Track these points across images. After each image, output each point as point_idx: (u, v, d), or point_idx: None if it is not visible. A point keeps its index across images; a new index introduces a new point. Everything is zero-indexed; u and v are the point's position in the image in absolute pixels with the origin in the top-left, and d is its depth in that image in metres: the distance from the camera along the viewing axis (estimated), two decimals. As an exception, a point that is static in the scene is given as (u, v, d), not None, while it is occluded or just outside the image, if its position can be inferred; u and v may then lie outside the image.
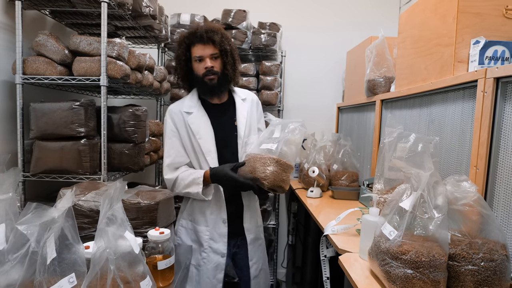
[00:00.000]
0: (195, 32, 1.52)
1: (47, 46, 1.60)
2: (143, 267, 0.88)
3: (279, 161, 1.39)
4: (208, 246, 1.61)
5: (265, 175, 1.36)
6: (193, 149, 1.60)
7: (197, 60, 1.54)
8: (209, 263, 1.60)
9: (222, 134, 1.61)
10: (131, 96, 2.58)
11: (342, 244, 1.27)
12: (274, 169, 1.37)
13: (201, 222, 1.62)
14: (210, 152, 1.57)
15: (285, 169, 1.41)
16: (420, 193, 0.89)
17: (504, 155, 1.03)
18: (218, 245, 1.60)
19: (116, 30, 2.13)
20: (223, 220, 1.60)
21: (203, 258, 1.61)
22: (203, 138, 1.57)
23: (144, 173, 2.68)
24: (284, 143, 1.43)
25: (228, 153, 1.61)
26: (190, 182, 1.53)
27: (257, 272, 1.70)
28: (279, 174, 1.38)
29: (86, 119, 1.61)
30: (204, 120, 1.60)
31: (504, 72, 1.01)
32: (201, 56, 1.52)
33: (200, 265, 1.61)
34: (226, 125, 1.63)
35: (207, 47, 1.51)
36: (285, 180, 1.41)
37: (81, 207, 1.19)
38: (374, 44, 2.13)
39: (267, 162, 1.38)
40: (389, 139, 1.30)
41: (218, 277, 1.61)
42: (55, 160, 1.59)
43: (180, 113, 1.61)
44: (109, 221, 0.80)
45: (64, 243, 0.82)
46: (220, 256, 1.60)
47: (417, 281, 0.85)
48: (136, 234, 1.12)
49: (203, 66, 1.53)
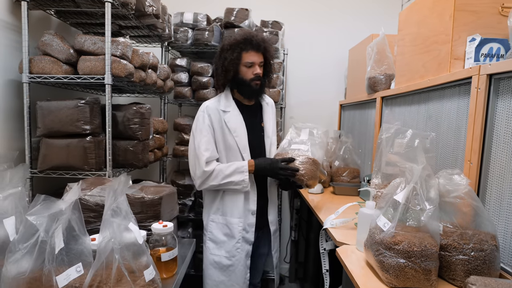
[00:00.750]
0: (252, 40, 1.64)
1: (52, 46, 1.65)
2: (147, 257, 0.92)
3: (315, 160, 1.61)
4: (241, 236, 1.73)
5: (305, 172, 1.56)
6: (225, 146, 1.70)
7: (246, 65, 1.65)
8: (243, 252, 1.73)
9: (252, 133, 1.74)
10: (135, 95, 2.62)
11: (341, 237, 1.31)
12: (311, 167, 1.58)
13: (234, 214, 1.73)
14: (245, 149, 1.69)
15: (318, 167, 1.64)
16: (413, 185, 0.92)
17: (496, 149, 1.05)
18: (249, 235, 1.74)
19: (120, 29, 2.18)
20: (252, 211, 1.73)
21: (237, 248, 1.73)
22: (239, 136, 1.69)
23: (149, 170, 2.73)
24: (314, 146, 1.65)
25: (257, 150, 1.75)
26: (233, 171, 1.64)
27: (277, 260, 1.88)
28: (314, 172, 1.60)
29: (92, 116, 1.65)
30: (240, 119, 1.71)
31: (496, 69, 1.03)
32: (253, 62, 1.65)
33: (234, 255, 1.73)
34: (255, 126, 1.77)
35: (259, 55, 1.66)
36: (317, 176, 1.64)
37: (87, 202, 1.23)
38: (374, 41, 2.15)
39: (305, 161, 1.59)
40: (386, 135, 1.34)
41: (247, 263, 1.76)
42: (61, 157, 1.64)
43: (217, 110, 1.70)
44: (113, 212, 0.85)
45: (71, 234, 0.86)
46: (249, 244, 1.75)
47: (409, 270, 0.88)
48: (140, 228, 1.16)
49: (252, 72, 1.66)
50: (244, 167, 1.63)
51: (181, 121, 2.67)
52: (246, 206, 1.72)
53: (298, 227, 2.93)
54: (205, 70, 2.65)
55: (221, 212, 1.75)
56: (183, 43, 2.63)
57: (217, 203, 1.76)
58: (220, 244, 1.74)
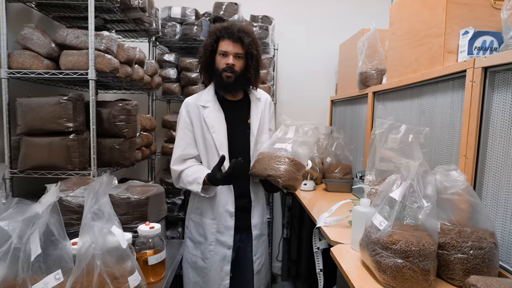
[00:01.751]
0: (228, 28, 1.56)
1: (33, 40, 1.57)
2: (132, 262, 0.87)
3: (294, 160, 1.46)
4: (214, 239, 1.63)
5: (281, 173, 1.42)
6: (204, 142, 1.63)
7: (221, 54, 1.57)
8: (216, 255, 1.63)
9: (234, 130, 1.64)
10: (122, 91, 2.55)
11: (335, 235, 1.27)
12: (289, 168, 1.44)
13: (208, 215, 1.65)
14: (222, 146, 1.60)
15: (299, 169, 1.48)
16: (410, 182, 0.89)
17: (492, 144, 1.03)
18: (225, 237, 1.63)
19: (105, 23, 2.10)
20: (230, 213, 1.62)
21: (210, 251, 1.64)
22: (217, 132, 1.60)
23: (137, 169, 2.66)
24: (298, 144, 1.51)
25: (239, 149, 1.64)
26: (193, 180, 1.56)
27: (259, 267, 1.74)
28: (293, 173, 1.45)
29: (75, 113, 1.59)
30: (219, 115, 1.63)
31: (492, 62, 1.01)
32: (226, 51, 1.55)
33: (208, 257, 1.65)
34: (239, 122, 1.67)
35: (234, 45, 1.55)
36: (298, 179, 1.48)
37: (69, 203, 1.17)
38: (365, 36, 2.12)
39: (282, 161, 1.45)
40: (380, 130, 1.30)
41: (225, 269, 1.64)
42: (43, 156, 1.57)
43: (196, 106, 1.64)
44: (95, 215, 0.79)
45: (50, 239, 0.81)
46: (227, 248, 1.63)
47: (407, 270, 0.85)
48: (126, 230, 1.11)
49: (224, 61, 1.56)
50: (200, 179, 1.53)
51: (170, 118, 2.61)
52: (224, 207, 1.62)
53: (290, 224, 2.90)
54: (194, 65, 2.59)
55: (199, 211, 1.68)
56: (171, 38, 2.56)
57: (196, 202, 1.70)
58: (197, 244, 1.67)
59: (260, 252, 1.74)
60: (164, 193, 1.42)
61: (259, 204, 1.72)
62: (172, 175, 1.65)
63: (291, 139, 1.53)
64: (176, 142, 1.66)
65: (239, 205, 1.64)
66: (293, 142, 1.51)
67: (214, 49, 1.59)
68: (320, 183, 2.36)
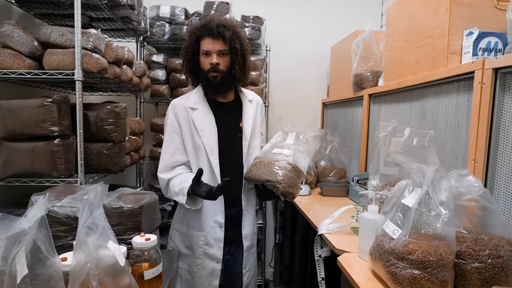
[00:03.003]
0: (207, 25, 1.45)
1: (13, 37, 1.46)
2: (129, 279, 0.80)
3: (295, 166, 1.38)
4: (202, 252, 1.52)
5: (280, 178, 1.34)
6: (194, 147, 1.52)
7: (204, 54, 1.47)
8: (204, 269, 1.53)
9: (225, 134, 1.53)
10: (108, 93, 2.44)
11: (339, 243, 1.22)
12: (289, 174, 1.36)
13: (195, 226, 1.53)
14: (213, 151, 1.49)
15: (299, 176, 1.40)
16: (426, 189, 0.85)
17: (504, 147, 1.00)
18: (214, 250, 1.52)
19: (91, 21, 2.00)
20: (219, 224, 1.52)
21: (198, 264, 1.53)
22: (206, 136, 1.49)
23: (124, 174, 2.55)
24: (299, 152, 1.44)
25: (230, 153, 1.53)
26: (179, 191, 1.43)
27: (248, 280, 1.64)
28: (293, 180, 1.36)
29: (60, 117, 1.48)
30: (209, 118, 1.52)
31: (504, 63, 0.98)
32: (209, 50, 1.45)
33: (195, 271, 1.53)
34: (230, 125, 1.56)
35: (216, 42, 1.44)
36: (297, 187, 1.40)
37: (56, 214, 1.08)
38: (360, 38, 2.10)
39: (283, 166, 1.37)
40: (383, 134, 1.27)
41: (213, 284, 1.53)
42: (25, 163, 1.46)
43: (184, 108, 1.53)
44: (89, 230, 0.71)
45: (37, 257, 0.72)
46: (216, 262, 1.53)
47: (425, 282, 0.80)
48: (119, 241, 1.03)
49: (208, 62, 1.46)
50: (185, 189, 1.40)
51: (158, 121, 2.52)
52: (213, 217, 1.51)
53: (283, 229, 2.85)
54: (183, 67, 2.50)
55: (186, 221, 1.56)
56: (159, 38, 2.47)
57: (183, 211, 1.58)
58: (183, 257, 1.56)
59: (249, 265, 1.64)
60: (158, 201, 1.34)
61: (250, 213, 1.61)
62: (160, 184, 1.53)
63: (291, 146, 1.46)
64: (163, 147, 1.54)
65: (230, 214, 1.54)
66: (294, 148, 1.44)
67: (196, 49, 1.49)
68: (314, 187, 2.32)
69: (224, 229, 1.52)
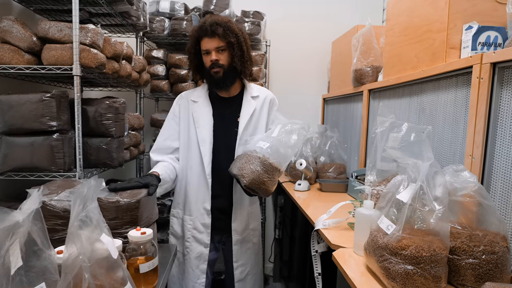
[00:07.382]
0: (202, 26, 1.53)
1: (12, 33, 1.47)
2: (123, 272, 0.80)
3: (263, 161, 1.35)
4: (191, 235, 1.63)
5: (245, 172, 1.34)
6: (188, 137, 1.62)
7: (205, 54, 1.56)
8: (192, 252, 1.63)
9: (221, 127, 1.61)
10: (108, 88, 2.44)
11: (335, 239, 1.22)
12: (255, 168, 1.33)
13: (187, 211, 1.65)
14: (204, 142, 1.58)
15: (268, 170, 1.35)
16: (420, 184, 0.85)
17: (501, 143, 0.99)
18: (202, 235, 1.62)
19: (91, 17, 2.00)
20: (207, 211, 1.61)
21: (187, 247, 1.64)
22: (201, 127, 1.59)
23: (123, 169, 2.57)
24: (279, 144, 1.40)
25: (223, 147, 1.60)
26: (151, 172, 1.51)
27: (242, 275, 1.68)
28: (260, 175, 1.33)
29: (59, 112, 1.49)
30: (206, 110, 1.62)
31: (502, 57, 0.97)
32: (207, 49, 1.53)
33: (185, 254, 1.65)
34: (227, 119, 1.63)
35: (212, 40, 1.51)
36: (265, 182, 1.35)
37: (53, 207, 1.09)
38: (360, 32, 2.08)
39: (251, 160, 1.36)
40: (381, 129, 1.26)
41: (201, 267, 1.62)
42: (25, 157, 1.47)
43: (187, 100, 1.66)
44: (82, 223, 0.72)
45: (32, 249, 0.73)
46: (203, 246, 1.62)
47: (418, 277, 0.80)
48: (115, 235, 1.03)
49: (209, 59, 1.54)
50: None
51: (158, 116, 2.52)
52: (202, 204, 1.61)
53: (282, 224, 2.85)
54: (183, 62, 2.50)
55: (181, 206, 1.68)
56: (159, 33, 2.47)
57: (177, 197, 1.69)
58: (180, 240, 1.67)
59: (243, 260, 1.68)
60: (156, 196, 1.34)
61: (243, 208, 1.66)
62: (151, 162, 1.64)
63: (274, 138, 1.43)
64: (161, 130, 1.69)
65: (218, 205, 1.62)
66: (273, 141, 1.41)
67: (198, 51, 1.58)
68: (314, 183, 2.32)
69: (213, 217, 1.61)
